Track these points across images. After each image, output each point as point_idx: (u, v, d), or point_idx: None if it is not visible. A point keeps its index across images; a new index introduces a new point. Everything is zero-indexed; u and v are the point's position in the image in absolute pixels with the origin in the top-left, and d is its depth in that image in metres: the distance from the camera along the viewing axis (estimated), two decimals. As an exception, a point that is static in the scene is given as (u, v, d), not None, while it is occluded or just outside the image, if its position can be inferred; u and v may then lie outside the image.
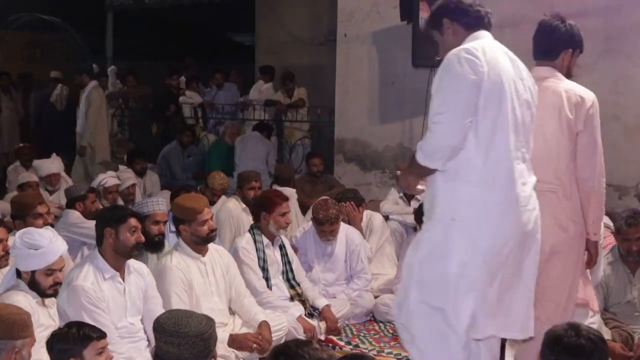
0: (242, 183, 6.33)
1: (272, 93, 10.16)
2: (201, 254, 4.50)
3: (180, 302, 4.22)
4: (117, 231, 3.95)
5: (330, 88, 8.61)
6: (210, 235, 4.50)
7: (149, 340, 3.98)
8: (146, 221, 4.58)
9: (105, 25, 12.77)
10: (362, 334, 5.27)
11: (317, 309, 5.12)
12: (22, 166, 7.80)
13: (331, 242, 5.54)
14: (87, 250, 5.15)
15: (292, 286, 5.16)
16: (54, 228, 4.23)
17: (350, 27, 8.14)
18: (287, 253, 5.23)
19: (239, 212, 6.09)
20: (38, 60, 13.87)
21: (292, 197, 6.17)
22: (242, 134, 9.58)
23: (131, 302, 4.01)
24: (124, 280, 4.01)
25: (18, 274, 3.64)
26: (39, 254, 3.56)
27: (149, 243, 4.56)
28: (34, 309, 3.47)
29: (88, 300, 3.80)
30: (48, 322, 3.59)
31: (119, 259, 3.99)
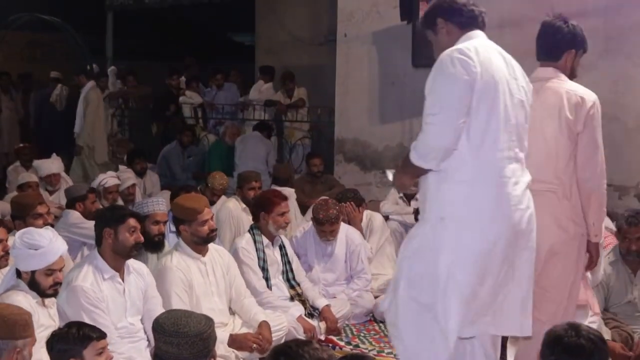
0: (242, 183, 6.33)
1: (272, 93, 10.16)
2: (201, 254, 4.49)
3: (181, 302, 4.22)
4: (116, 231, 3.95)
5: (330, 88, 8.61)
6: (211, 236, 4.49)
7: (149, 340, 3.97)
8: (146, 221, 4.58)
9: (105, 25, 12.77)
10: (362, 334, 5.27)
11: (317, 309, 5.12)
12: (22, 166, 7.79)
13: (331, 242, 5.54)
14: (87, 251, 5.14)
15: (292, 286, 5.16)
16: (54, 228, 4.22)
17: (350, 27, 8.14)
18: (287, 253, 5.23)
19: (239, 212, 6.09)
20: (38, 60, 13.87)
21: (290, 197, 6.17)
22: (242, 134, 9.58)
23: (131, 302, 4.01)
24: (123, 280, 4.01)
25: (18, 274, 3.63)
26: (39, 254, 3.55)
27: (149, 243, 4.57)
28: (34, 309, 3.47)
29: (87, 300, 3.80)
30: (48, 322, 3.59)
31: (118, 259, 3.99)
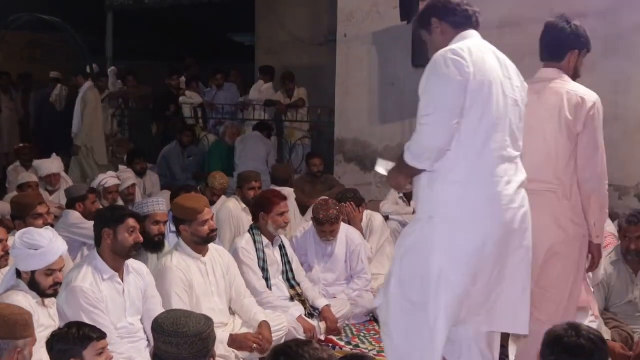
0: (242, 183, 6.33)
1: (272, 93, 10.16)
2: (201, 254, 4.49)
3: (181, 302, 4.21)
4: (115, 232, 3.95)
5: (330, 88, 8.62)
6: (211, 236, 4.49)
7: (148, 340, 3.97)
8: (146, 221, 4.58)
9: (105, 25, 12.78)
10: (362, 334, 5.27)
11: (317, 309, 5.12)
12: (22, 166, 7.79)
13: (331, 242, 5.54)
14: (87, 251, 5.14)
15: (292, 286, 5.16)
16: (54, 228, 4.22)
17: (350, 27, 8.15)
18: (287, 253, 5.23)
19: (239, 212, 6.09)
20: (38, 61, 13.87)
21: (290, 197, 6.17)
22: (242, 134, 9.59)
23: (130, 303, 4.01)
24: (123, 280, 4.01)
25: (18, 274, 3.64)
26: (39, 254, 3.55)
27: (149, 243, 4.57)
28: (34, 309, 3.46)
29: (87, 301, 3.80)
30: (48, 322, 3.59)
31: (117, 259, 3.99)
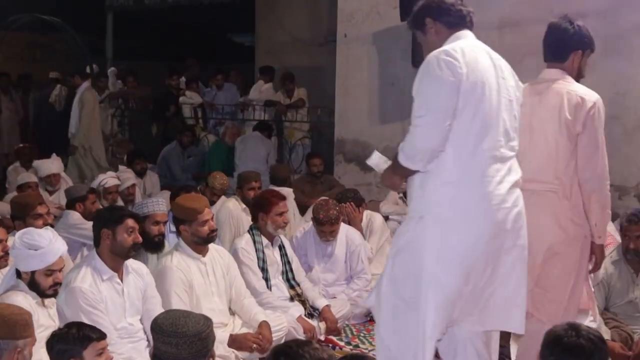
0: (242, 183, 6.32)
1: (272, 93, 10.17)
2: (201, 254, 4.49)
3: (181, 302, 4.21)
4: (114, 232, 3.94)
5: (330, 89, 8.62)
6: (211, 236, 4.49)
7: (148, 340, 3.96)
8: (146, 221, 4.58)
9: (105, 25, 12.78)
10: (362, 334, 5.27)
11: (317, 309, 5.11)
12: (22, 167, 7.79)
13: (331, 242, 5.54)
14: (87, 251, 5.13)
15: (292, 286, 5.16)
16: (54, 228, 4.22)
17: (350, 27, 8.15)
18: (286, 253, 5.23)
19: (239, 213, 6.09)
20: (38, 61, 13.88)
21: (288, 196, 6.16)
22: (242, 134, 9.59)
23: (130, 303, 4.00)
24: (122, 280, 4.00)
25: (18, 274, 3.63)
26: (39, 254, 3.55)
27: (149, 243, 4.57)
28: (34, 310, 3.46)
29: (86, 302, 3.79)
30: (48, 322, 3.59)
31: (116, 259, 3.98)
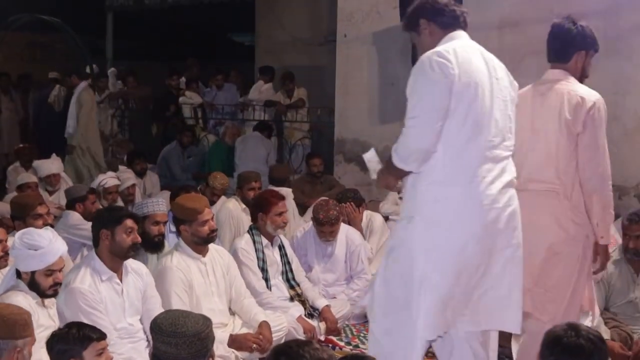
0: (242, 183, 6.32)
1: (272, 93, 10.16)
2: (201, 254, 4.49)
3: (181, 302, 4.21)
4: (113, 232, 3.94)
5: (330, 88, 8.61)
6: (211, 236, 4.49)
7: (148, 340, 3.96)
8: (146, 222, 4.57)
9: (105, 26, 12.79)
10: (362, 334, 5.26)
11: (317, 309, 5.11)
12: (22, 167, 7.79)
13: (331, 242, 5.54)
14: (87, 252, 5.13)
15: (291, 286, 5.16)
16: (54, 229, 4.22)
17: (350, 27, 8.14)
18: (286, 253, 5.23)
19: (239, 213, 6.08)
20: (38, 61, 13.87)
21: (288, 196, 6.16)
22: (242, 134, 9.59)
23: (129, 303, 4.00)
24: (121, 281, 4.00)
25: (18, 274, 3.64)
26: (39, 254, 3.55)
27: (149, 243, 4.57)
28: (34, 310, 3.47)
29: (85, 302, 3.79)
30: (48, 322, 3.59)
31: (115, 260, 3.98)
